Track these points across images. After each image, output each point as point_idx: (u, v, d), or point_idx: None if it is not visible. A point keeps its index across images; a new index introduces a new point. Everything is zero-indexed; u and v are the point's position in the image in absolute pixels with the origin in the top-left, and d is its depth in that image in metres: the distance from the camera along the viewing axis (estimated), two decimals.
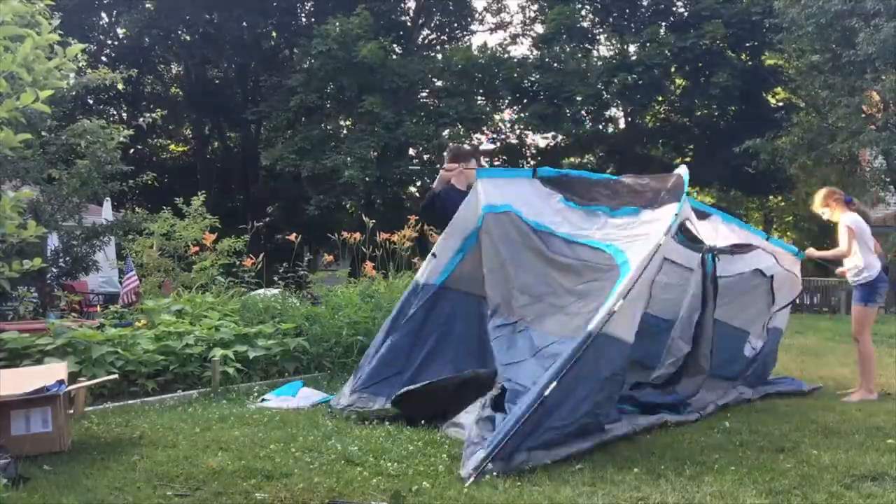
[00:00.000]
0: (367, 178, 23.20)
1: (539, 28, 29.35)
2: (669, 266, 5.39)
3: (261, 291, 8.60)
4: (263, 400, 5.64)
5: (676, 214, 4.81)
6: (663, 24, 25.73)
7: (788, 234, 37.88)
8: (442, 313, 5.26)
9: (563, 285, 4.97)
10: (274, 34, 30.20)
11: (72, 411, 4.51)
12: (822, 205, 6.55)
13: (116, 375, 5.25)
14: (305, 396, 5.72)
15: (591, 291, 4.76)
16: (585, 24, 27.23)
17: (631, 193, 5.38)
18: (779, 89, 26.38)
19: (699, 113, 26.19)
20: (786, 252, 6.81)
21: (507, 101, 27.81)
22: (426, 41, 32.23)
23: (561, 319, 4.81)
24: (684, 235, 5.15)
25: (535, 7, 29.84)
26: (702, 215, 6.08)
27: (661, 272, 4.89)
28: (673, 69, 25.24)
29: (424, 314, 5.24)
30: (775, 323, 6.71)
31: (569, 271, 5.01)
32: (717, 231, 6.11)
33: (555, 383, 3.97)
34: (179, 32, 28.94)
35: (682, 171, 5.30)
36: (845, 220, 6.36)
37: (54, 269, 10.68)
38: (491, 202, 5.20)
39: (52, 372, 4.52)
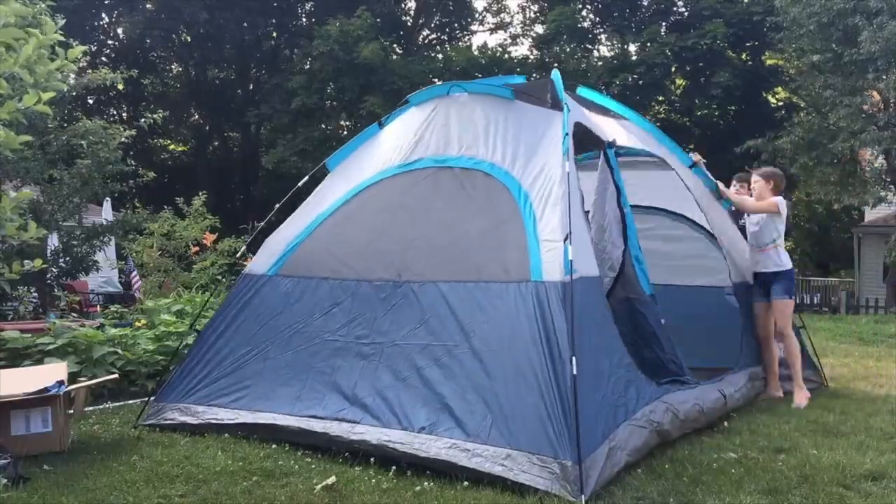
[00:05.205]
0: None
1: (539, 28, 29.35)
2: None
3: None
4: None
5: (567, 134, 4.38)
6: (664, 23, 25.73)
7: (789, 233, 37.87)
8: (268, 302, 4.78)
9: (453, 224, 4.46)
10: (274, 34, 30.22)
11: (72, 411, 4.51)
12: (763, 182, 6.08)
13: (116, 375, 5.25)
14: None
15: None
16: (586, 25, 27.23)
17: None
18: (779, 89, 26.38)
19: (699, 113, 26.18)
20: (706, 189, 6.33)
21: None
22: (427, 41, 32.24)
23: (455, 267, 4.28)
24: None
25: (536, 7, 29.82)
26: (609, 113, 5.78)
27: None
28: (673, 69, 25.24)
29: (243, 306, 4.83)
30: (742, 277, 6.12)
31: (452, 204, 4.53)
32: (630, 133, 5.67)
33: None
34: (179, 32, 28.95)
35: (554, 76, 4.92)
36: (778, 198, 6.03)
37: (54, 270, 10.68)
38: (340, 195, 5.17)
39: (52, 372, 4.52)
